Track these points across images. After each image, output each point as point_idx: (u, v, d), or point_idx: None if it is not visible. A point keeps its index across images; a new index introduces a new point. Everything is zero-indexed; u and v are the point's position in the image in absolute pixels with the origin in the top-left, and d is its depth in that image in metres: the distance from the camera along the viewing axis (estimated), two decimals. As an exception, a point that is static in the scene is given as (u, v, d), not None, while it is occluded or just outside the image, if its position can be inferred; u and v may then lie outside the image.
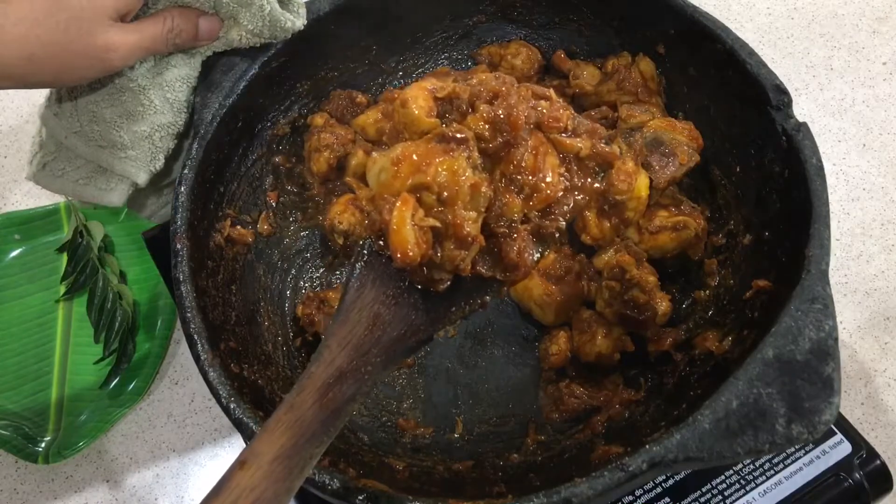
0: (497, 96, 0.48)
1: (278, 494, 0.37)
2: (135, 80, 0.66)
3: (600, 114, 0.69)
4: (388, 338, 0.44)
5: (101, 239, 0.85)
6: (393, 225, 0.43)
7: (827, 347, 0.46)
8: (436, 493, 0.56)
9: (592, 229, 0.64)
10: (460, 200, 0.45)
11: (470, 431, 0.66)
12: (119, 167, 0.69)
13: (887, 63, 0.96)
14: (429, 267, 0.46)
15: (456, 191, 0.45)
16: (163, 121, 0.67)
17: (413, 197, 0.44)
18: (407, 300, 0.46)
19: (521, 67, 0.77)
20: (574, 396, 0.64)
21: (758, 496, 0.61)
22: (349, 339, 0.43)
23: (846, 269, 0.81)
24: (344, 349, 0.43)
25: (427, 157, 0.45)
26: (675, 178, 0.64)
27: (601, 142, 0.51)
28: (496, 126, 0.47)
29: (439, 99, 0.49)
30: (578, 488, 0.45)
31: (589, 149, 0.50)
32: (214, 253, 0.64)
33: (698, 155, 0.65)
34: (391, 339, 0.44)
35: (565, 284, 0.66)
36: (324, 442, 0.40)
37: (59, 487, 0.72)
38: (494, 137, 0.47)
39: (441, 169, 0.45)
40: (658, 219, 0.65)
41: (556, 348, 0.66)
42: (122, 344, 0.77)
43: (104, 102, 0.67)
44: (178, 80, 0.67)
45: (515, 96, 0.48)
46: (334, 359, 0.42)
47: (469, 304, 0.48)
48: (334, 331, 0.44)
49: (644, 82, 0.71)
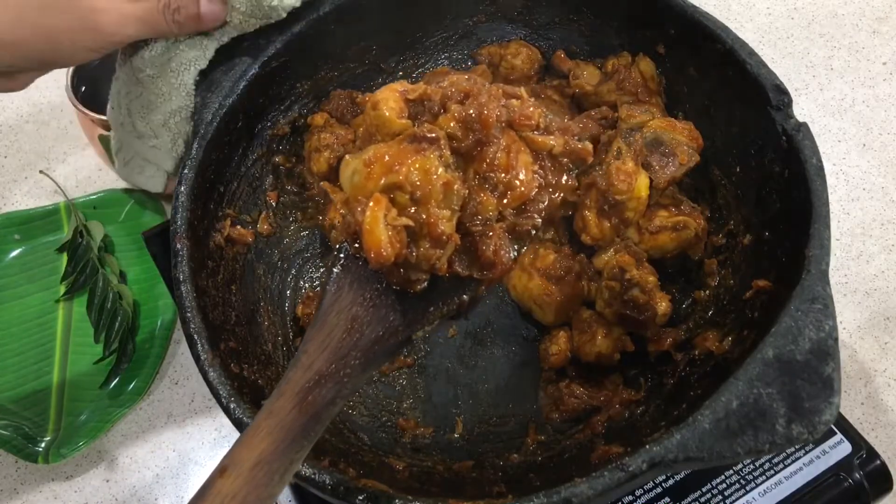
0: (468, 96, 0.48)
1: (261, 499, 0.37)
2: (145, 69, 0.66)
3: (600, 114, 0.69)
4: (366, 340, 0.44)
5: (101, 239, 0.85)
6: (366, 225, 0.43)
7: (827, 347, 0.46)
8: (436, 493, 0.56)
9: (592, 229, 0.64)
10: (433, 199, 0.45)
11: (470, 431, 0.66)
12: (151, 156, 0.71)
13: (887, 63, 0.96)
14: (405, 267, 0.46)
15: (429, 189, 0.45)
16: (173, 107, 0.68)
17: (386, 197, 0.44)
18: (384, 301, 0.46)
19: (521, 67, 0.77)
20: (574, 396, 0.64)
21: (758, 496, 0.61)
22: (327, 342, 0.43)
23: (846, 269, 0.81)
24: (322, 353, 0.43)
25: (399, 158, 0.45)
26: (675, 178, 0.64)
27: (574, 138, 0.51)
28: (467, 125, 0.47)
29: (410, 101, 0.49)
30: (578, 488, 0.45)
31: (562, 146, 0.50)
32: (214, 253, 0.64)
33: (698, 155, 0.65)
34: (369, 340, 0.44)
35: (565, 284, 0.66)
36: (304, 446, 0.40)
37: (59, 487, 0.72)
38: (466, 136, 0.47)
39: (413, 168, 0.44)
40: (658, 219, 0.65)
41: (555, 348, 0.66)
42: (121, 344, 0.77)
43: (130, 94, 0.68)
44: (183, 64, 0.66)
45: (486, 96, 0.48)
46: (312, 363, 0.42)
47: (447, 304, 0.48)
48: (312, 335, 0.44)
49: (644, 82, 0.71)
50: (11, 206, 0.91)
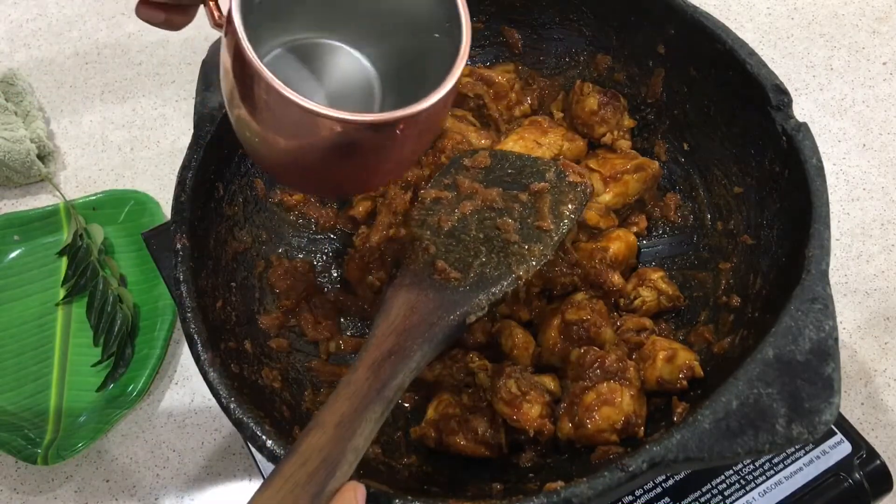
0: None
1: (343, 452, 0.43)
2: None
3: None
4: (425, 323, 0.52)
5: (100, 242, 0.85)
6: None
7: (827, 347, 0.46)
8: (436, 493, 0.56)
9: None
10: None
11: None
12: None
13: (887, 63, 0.96)
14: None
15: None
16: None
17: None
18: (438, 293, 0.55)
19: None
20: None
21: (758, 496, 0.61)
22: (392, 326, 0.52)
23: (846, 269, 0.81)
24: (389, 336, 0.51)
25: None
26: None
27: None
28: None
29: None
30: (578, 488, 0.45)
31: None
32: (214, 253, 0.64)
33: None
34: (428, 324, 0.52)
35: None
36: (378, 409, 0.46)
37: (59, 487, 0.72)
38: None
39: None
40: (619, 164, 0.70)
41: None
42: (120, 348, 0.77)
43: None
44: None
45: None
46: (381, 343, 0.50)
47: (494, 294, 0.55)
48: (379, 322, 0.53)
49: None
50: (11, 207, 0.91)
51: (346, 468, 0.43)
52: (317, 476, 0.42)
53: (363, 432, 0.45)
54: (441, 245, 0.59)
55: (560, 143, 0.72)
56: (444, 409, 0.60)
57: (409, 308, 0.53)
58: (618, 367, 0.58)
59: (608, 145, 0.73)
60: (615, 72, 0.75)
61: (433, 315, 0.53)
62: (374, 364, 0.49)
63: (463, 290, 0.55)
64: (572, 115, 0.75)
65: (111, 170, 0.94)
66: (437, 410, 0.61)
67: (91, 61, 1.05)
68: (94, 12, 1.10)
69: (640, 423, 0.57)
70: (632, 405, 0.56)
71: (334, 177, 0.51)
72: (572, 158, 0.71)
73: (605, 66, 0.75)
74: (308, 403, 0.62)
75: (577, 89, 0.74)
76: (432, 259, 0.57)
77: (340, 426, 0.44)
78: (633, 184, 0.69)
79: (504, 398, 0.58)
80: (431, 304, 0.54)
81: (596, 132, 0.73)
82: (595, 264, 0.65)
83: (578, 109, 0.74)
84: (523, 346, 0.64)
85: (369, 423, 0.46)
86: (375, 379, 0.48)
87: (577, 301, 0.64)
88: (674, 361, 0.58)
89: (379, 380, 0.48)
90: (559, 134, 0.72)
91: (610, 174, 0.70)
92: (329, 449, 0.43)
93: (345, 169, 0.49)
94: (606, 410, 0.56)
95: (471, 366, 0.61)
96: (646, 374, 0.59)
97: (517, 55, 0.79)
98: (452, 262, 0.57)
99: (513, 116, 0.77)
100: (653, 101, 0.73)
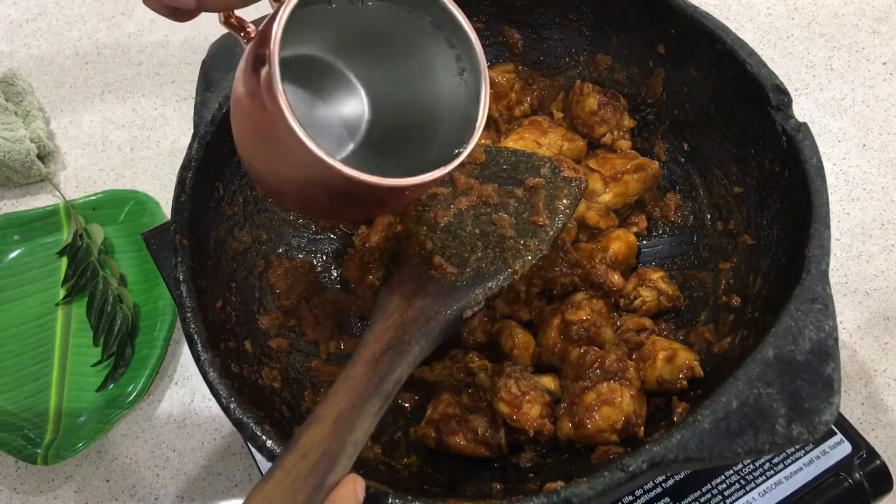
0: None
1: (342, 445, 0.44)
2: None
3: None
4: (422, 318, 0.53)
5: (100, 242, 0.85)
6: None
7: (827, 347, 0.46)
8: (436, 493, 0.56)
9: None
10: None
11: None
12: None
13: (887, 63, 0.96)
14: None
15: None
16: None
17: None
18: (433, 288, 0.56)
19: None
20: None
21: (758, 496, 0.61)
22: (389, 322, 0.52)
23: (846, 269, 0.81)
24: (386, 331, 0.52)
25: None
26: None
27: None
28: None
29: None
30: (578, 488, 0.45)
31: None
32: (214, 253, 0.64)
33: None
34: (425, 318, 0.53)
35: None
36: (377, 403, 0.47)
37: (59, 487, 0.72)
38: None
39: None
40: (619, 163, 0.70)
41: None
42: (120, 348, 0.77)
43: None
44: None
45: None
46: (379, 338, 0.51)
47: (490, 289, 0.56)
48: (376, 318, 0.53)
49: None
50: (10, 207, 0.91)
51: (346, 461, 0.44)
52: (317, 469, 0.42)
53: (362, 426, 0.45)
54: (437, 240, 0.59)
55: (560, 143, 0.72)
56: (444, 409, 0.60)
57: (406, 303, 0.54)
58: (618, 367, 0.58)
59: (608, 145, 0.73)
60: (615, 72, 0.75)
61: (430, 310, 0.54)
62: (372, 359, 0.49)
63: (460, 285, 0.56)
64: (572, 115, 0.75)
65: (111, 170, 0.94)
66: (437, 410, 0.61)
67: (91, 61, 1.05)
68: (94, 12, 1.10)
69: (640, 423, 0.57)
70: (632, 405, 0.56)
71: (335, 212, 0.53)
72: (572, 158, 0.71)
73: (605, 66, 0.75)
74: (308, 403, 0.62)
75: (577, 89, 0.74)
76: (429, 254, 0.58)
77: (340, 420, 0.45)
78: (633, 184, 0.69)
79: (504, 398, 0.58)
80: (428, 298, 0.54)
81: (596, 132, 0.73)
82: (595, 264, 0.65)
83: (578, 109, 0.74)
84: (523, 346, 0.64)
85: (368, 417, 0.46)
86: (374, 373, 0.48)
87: (577, 301, 0.64)
88: (674, 361, 0.58)
89: (377, 374, 0.48)
90: (559, 134, 0.72)
91: (610, 174, 0.70)
92: (329, 442, 0.44)
93: (347, 207, 0.49)
94: (606, 410, 0.56)
95: (471, 366, 0.61)
96: (646, 374, 0.59)
97: (517, 55, 0.79)
98: (449, 257, 0.58)
99: (513, 116, 0.77)
100: (653, 101, 0.73)
